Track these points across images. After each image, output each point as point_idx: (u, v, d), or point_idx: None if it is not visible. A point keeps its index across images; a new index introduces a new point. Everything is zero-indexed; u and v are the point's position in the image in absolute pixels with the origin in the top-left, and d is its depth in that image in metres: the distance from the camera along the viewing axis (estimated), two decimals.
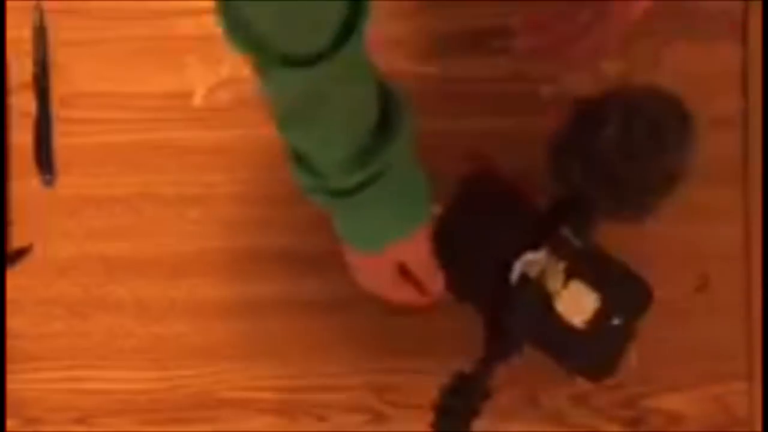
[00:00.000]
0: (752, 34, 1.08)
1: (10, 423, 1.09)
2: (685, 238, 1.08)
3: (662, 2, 1.07)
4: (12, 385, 1.10)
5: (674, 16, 1.08)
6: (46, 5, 1.10)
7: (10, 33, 1.10)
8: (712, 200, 1.08)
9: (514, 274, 1.00)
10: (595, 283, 1.00)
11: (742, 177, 1.08)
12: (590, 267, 1.00)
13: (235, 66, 1.08)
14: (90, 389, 1.10)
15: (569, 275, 1.00)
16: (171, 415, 1.10)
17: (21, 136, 1.10)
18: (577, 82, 1.09)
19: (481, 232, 1.02)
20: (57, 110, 1.10)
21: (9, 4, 1.10)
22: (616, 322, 1.00)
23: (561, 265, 1.00)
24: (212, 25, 0.76)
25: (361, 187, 0.87)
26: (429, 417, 1.01)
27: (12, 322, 1.10)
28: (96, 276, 1.10)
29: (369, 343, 1.08)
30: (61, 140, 1.10)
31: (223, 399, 1.09)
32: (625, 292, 1.01)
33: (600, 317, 1.00)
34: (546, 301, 0.99)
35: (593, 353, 1.01)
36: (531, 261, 1.00)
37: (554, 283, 1.00)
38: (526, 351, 1.02)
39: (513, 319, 1.00)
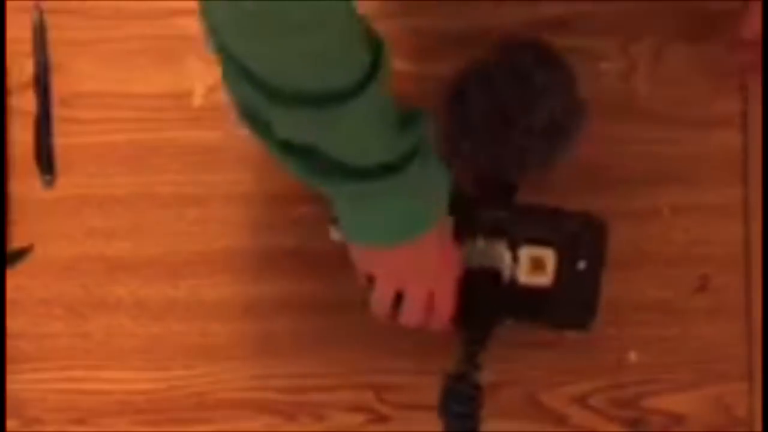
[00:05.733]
0: None
1: (10, 423, 1.09)
2: (685, 239, 1.08)
3: (662, 2, 1.07)
4: (12, 385, 1.09)
5: (674, 16, 1.08)
6: (46, 5, 1.10)
7: (10, 33, 1.10)
8: (712, 200, 1.08)
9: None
10: (543, 239, 1.00)
11: (742, 177, 1.08)
12: (530, 227, 1.00)
13: None
14: (90, 389, 1.10)
15: (514, 246, 1.00)
16: (171, 416, 1.10)
17: (21, 136, 1.10)
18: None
19: None
20: (57, 110, 1.10)
21: (9, 4, 1.10)
22: (581, 266, 1.00)
23: (501, 243, 1.00)
24: None
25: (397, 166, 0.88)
26: (429, 417, 1.01)
27: (12, 323, 1.10)
28: (96, 276, 1.10)
29: (369, 343, 1.07)
30: (61, 140, 1.10)
31: (222, 399, 1.09)
32: (577, 235, 1.00)
33: (563, 268, 1.00)
34: (496, 280, 1.00)
35: (571, 302, 1.01)
36: (470, 254, 1.00)
37: (502, 261, 1.00)
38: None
39: (475, 309, 1.00)
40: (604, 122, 1.08)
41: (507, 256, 1.00)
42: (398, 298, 0.99)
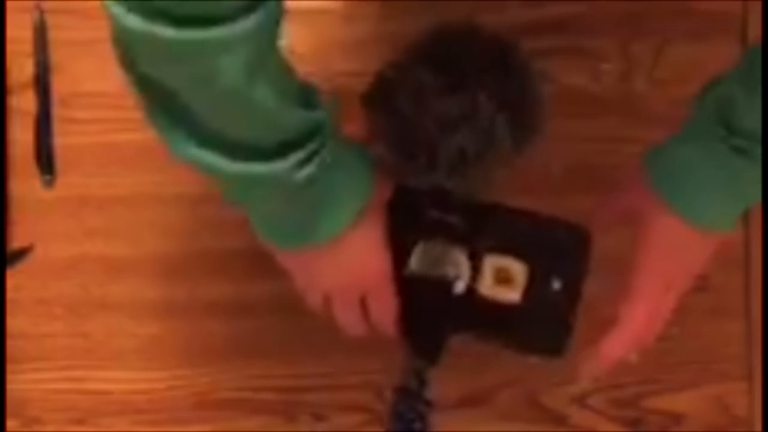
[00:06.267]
0: (752, 34, 1.08)
1: (9, 423, 1.09)
2: None
3: (662, 2, 1.07)
4: (12, 385, 1.09)
5: (674, 16, 1.08)
6: (46, 5, 1.10)
7: (10, 33, 1.10)
8: None
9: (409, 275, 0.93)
10: (512, 249, 0.90)
11: None
12: (497, 234, 0.91)
13: None
14: (89, 389, 1.10)
15: (474, 255, 0.91)
16: (170, 415, 1.10)
17: (21, 136, 1.10)
18: (577, 82, 1.09)
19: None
20: (57, 110, 1.10)
21: (9, 4, 1.10)
22: (556, 286, 0.90)
23: (458, 250, 0.92)
24: None
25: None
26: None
27: (12, 322, 1.10)
28: (96, 276, 1.10)
29: (368, 343, 1.07)
30: (61, 140, 1.10)
31: (222, 399, 1.09)
32: (554, 247, 0.90)
33: (535, 285, 0.90)
34: (447, 289, 0.91)
35: (542, 325, 0.91)
36: (418, 259, 0.93)
37: (457, 269, 0.92)
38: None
39: (422, 319, 0.93)
40: (604, 122, 1.08)
41: (465, 264, 0.92)
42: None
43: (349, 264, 0.90)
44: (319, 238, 0.88)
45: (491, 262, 0.91)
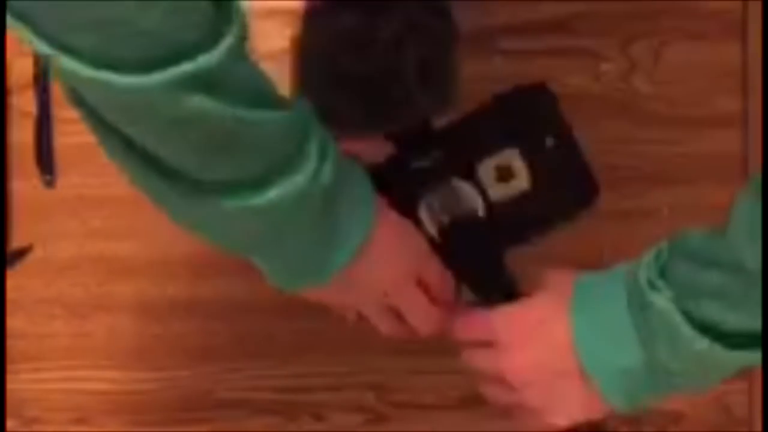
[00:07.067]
0: (752, 34, 1.08)
1: (9, 423, 1.09)
2: None
3: (662, 2, 1.07)
4: (12, 385, 1.09)
5: (674, 16, 1.08)
6: None
7: (11, 33, 1.10)
8: (712, 200, 1.08)
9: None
10: (495, 144, 0.87)
11: (741, 176, 1.08)
12: (475, 140, 0.88)
13: None
14: (89, 389, 1.10)
15: (469, 173, 0.88)
16: (170, 415, 1.10)
17: (21, 136, 1.10)
18: (577, 82, 1.09)
19: None
20: (57, 110, 1.10)
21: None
22: (550, 143, 0.87)
23: (451, 182, 0.88)
24: None
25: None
26: (429, 417, 1.01)
27: (12, 322, 1.10)
28: (96, 276, 1.10)
29: (369, 343, 1.07)
30: (61, 140, 1.10)
31: (222, 399, 1.10)
32: (526, 117, 0.88)
33: (532, 156, 0.87)
34: (470, 222, 0.88)
35: (562, 184, 0.89)
36: (428, 218, 0.89)
37: (464, 198, 0.88)
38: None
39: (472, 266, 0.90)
40: (604, 122, 1.08)
41: (467, 187, 0.88)
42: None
43: (384, 264, 0.84)
44: (344, 255, 0.81)
45: (485, 169, 0.88)
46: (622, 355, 0.79)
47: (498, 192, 0.88)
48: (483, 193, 0.88)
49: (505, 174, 0.88)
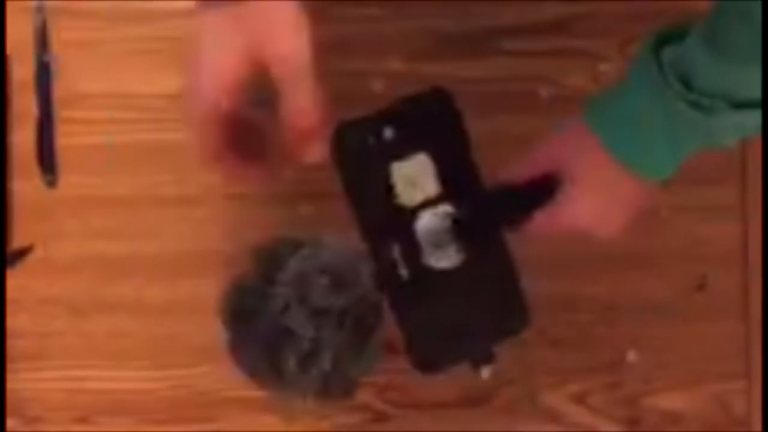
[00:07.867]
0: None
1: (10, 423, 1.09)
2: (684, 238, 1.09)
3: (661, 3, 1.07)
4: (12, 384, 1.10)
5: (673, 16, 1.08)
6: (46, 5, 1.10)
7: (11, 33, 1.10)
8: (711, 200, 1.08)
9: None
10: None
11: (741, 177, 1.08)
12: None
13: None
14: (90, 389, 1.10)
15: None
16: (171, 415, 1.10)
17: (22, 136, 1.10)
18: (575, 83, 1.09)
19: None
20: (58, 111, 1.10)
21: (9, 4, 1.10)
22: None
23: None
24: None
25: None
26: (429, 417, 1.01)
27: (12, 322, 1.10)
28: (96, 276, 1.10)
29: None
30: (62, 140, 1.10)
31: (223, 399, 1.10)
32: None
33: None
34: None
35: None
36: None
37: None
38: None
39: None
40: None
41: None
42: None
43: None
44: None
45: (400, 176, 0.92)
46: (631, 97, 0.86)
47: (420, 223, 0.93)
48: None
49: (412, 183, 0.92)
